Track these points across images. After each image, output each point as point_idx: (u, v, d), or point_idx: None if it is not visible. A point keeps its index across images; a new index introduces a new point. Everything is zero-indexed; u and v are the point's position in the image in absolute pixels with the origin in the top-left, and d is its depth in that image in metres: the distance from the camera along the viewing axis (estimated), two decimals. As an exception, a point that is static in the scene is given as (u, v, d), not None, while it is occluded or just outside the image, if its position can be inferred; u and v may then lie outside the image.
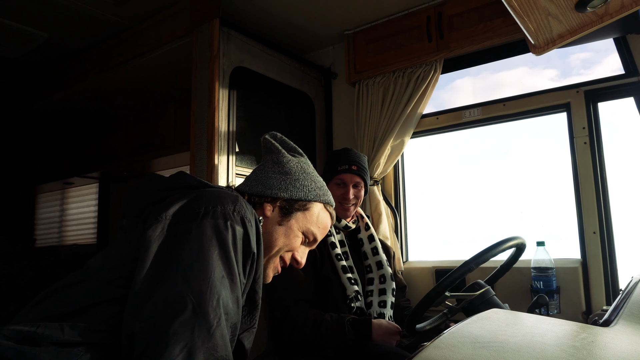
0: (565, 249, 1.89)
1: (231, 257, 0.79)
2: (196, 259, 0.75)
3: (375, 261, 1.73)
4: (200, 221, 0.79)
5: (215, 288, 0.74)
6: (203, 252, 0.76)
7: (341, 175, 1.73)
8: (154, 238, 0.78)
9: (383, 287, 1.66)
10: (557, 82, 2.00)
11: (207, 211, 0.81)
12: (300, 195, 1.03)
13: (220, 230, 0.79)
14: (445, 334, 0.64)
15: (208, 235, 0.78)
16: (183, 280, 0.73)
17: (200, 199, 0.84)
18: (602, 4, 0.99)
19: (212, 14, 2.02)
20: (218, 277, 0.76)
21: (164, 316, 0.70)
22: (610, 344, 0.62)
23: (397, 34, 2.30)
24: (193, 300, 0.71)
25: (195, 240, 0.77)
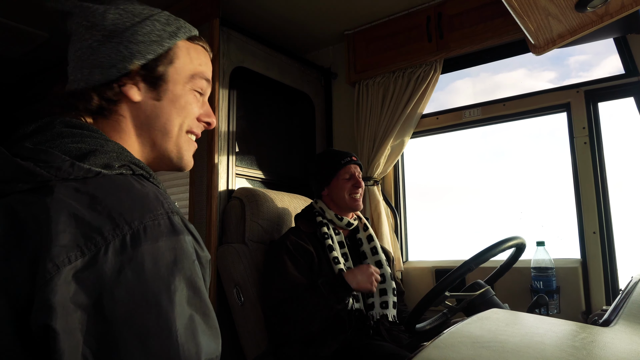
0: (565, 249, 1.89)
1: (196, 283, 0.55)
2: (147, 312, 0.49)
3: (375, 261, 1.73)
4: (133, 252, 0.51)
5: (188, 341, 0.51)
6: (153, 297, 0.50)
7: (346, 167, 1.77)
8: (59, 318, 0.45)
9: (383, 287, 1.66)
10: (556, 84, 2.01)
11: (135, 233, 0.51)
12: (155, 48, 0.71)
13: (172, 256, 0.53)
14: (445, 333, 0.64)
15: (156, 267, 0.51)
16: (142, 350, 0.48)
17: (105, 209, 0.52)
18: (602, 4, 0.99)
19: (212, 14, 2.02)
20: (185, 323, 0.52)
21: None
22: (610, 344, 0.62)
23: (397, 34, 2.30)
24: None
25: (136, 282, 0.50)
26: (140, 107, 0.71)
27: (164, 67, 0.72)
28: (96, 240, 0.49)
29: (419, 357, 0.57)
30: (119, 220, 0.51)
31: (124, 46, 0.69)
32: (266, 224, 1.84)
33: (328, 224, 1.72)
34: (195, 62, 0.77)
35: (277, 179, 2.34)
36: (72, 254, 0.47)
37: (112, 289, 0.48)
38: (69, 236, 0.48)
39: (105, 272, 0.48)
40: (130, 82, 0.70)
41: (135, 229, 0.52)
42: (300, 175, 2.51)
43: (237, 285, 1.67)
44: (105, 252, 0.49)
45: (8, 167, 0.53)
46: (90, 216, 0.51)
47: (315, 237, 1.70)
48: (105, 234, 0.50)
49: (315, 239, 1.68)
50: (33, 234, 0.48)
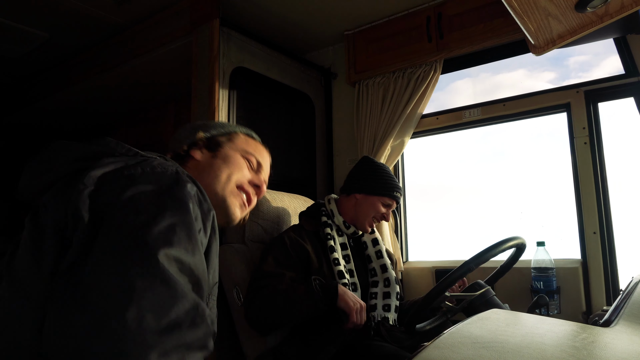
0: (566, 249, 1.89)
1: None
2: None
3: (380, 264, 1.72)
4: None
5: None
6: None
7: (393, 200, 1.74)
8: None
9: (387, 291, 1.66)
10: (556, 85, 2.01)
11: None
12: (218, 130, 1.03)
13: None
14: (445, 334, 0.64)
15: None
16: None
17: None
18: (602, 4, 0.99)
19: (212, 14, 2.02)
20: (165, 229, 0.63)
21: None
22: (611, 344, 0.62)
23: (397, 34, 2.30)
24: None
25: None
26: (200, 162, 0.97)
27: (223, 140, 1.01)
28: (109, 177, 0.66)
29: (419, 358, 0.57)
30: (136, 166, 0.68)
31: (196, 128, 1.02)
32: (266, 224, 1.84)
33: (332, 226, 1.71)
34: (251, 147, 1.04)
35: (277, 179, 2.33)
36: (94, 181, 0.65)
37: (110, 208, 0.62)
38: (92, 176, 0.66)
39: (108, 194, 0.63)
40: (195, 147, 0.99)
41: (140, 171, 0.67)
42: (301, 175, 2.51)
43: (237, 286, 1.67)
44: (113, 182, 0.65)
45: (78, 149, 0.74)
46: (110, 168, 0.68)
47: (317, 236, 1.69)
48: (118, 173, 0.66)
49: (316, 238, 1.68)
50: (79, 179, 0.66)
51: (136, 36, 2.41)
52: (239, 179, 0.97)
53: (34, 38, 2.53)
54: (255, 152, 1.04)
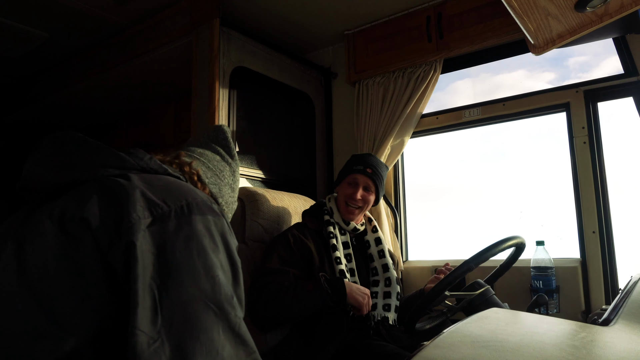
0: (565, 249, 1.90)
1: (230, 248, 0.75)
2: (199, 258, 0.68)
3: (382, 264, 1.72)
4: (188, 217, 0.70)
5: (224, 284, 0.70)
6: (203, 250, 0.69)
7: (355, 175, 1.73)
8: (141, 248, 0.64)
9: (388, 290, 1.66)
10: (555, 85, 2.01)
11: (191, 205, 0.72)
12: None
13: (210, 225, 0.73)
14: (445, 333, 0.65)
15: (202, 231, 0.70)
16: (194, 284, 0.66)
17: (174, 189, 0.74)
18: (602, 4, 1.00)
19: (212, 14, 2.02)
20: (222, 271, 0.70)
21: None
22: (610, 343, 0.62)
23: (397, 34, 2.30)
24: (211, 304, 0.65)
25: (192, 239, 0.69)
26: None
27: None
28: (161, 207, 0.69)
29: (419, 357, 0.57)
30: (176, 197, 0.72)
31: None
32: (266, 223, 1.84)
33: (334, 224, 1.71)
34: None
35: (277, 178, 2.34)
36: (146, 213, 0.67)
37: (173, 239, 0.66)
38: (142, 204, 0.68)
39: (168, 227, 0.67)
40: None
41: (187, 202, 0.71)
42: (301, 175, 2.51)
43: (238, 285, 1.67)
44: (168, 215, 0.68)
45: (109, 155, 0.76)
46: (153, 195, 0.70)
47: (320, 234, 1.70)
48: (169, 204, 0.70)
49: (319, 237, 1.68)
50: (119, 200, 0.68)
51: (136, 36, 2.42)
52: None
53: (34, 38, 2.53)
54: None
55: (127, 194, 0.68)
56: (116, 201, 0.68)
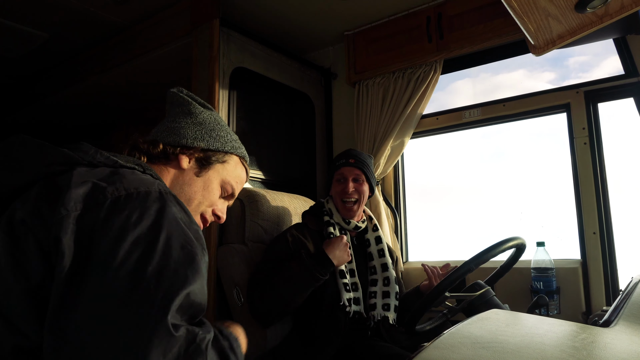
0: (565, 250, 1.89)
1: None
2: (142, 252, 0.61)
3: (381, 263, 1.72)
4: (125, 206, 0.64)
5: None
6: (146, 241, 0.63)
7: (340, 170, 1.73)
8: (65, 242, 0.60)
9: (387, 290, 1.66)
10: (555, 85, 2.01)
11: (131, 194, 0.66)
12: (218, 145, 0.97)
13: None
14: (445, 334, 0.64)
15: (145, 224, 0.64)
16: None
17: (115, 180, 0.67)
18: (602, 4, 0.99)
19: (212, 14, 2.02)
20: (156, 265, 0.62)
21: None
22: (610, 345, 0.62)
23: (397, 35, 2.30)
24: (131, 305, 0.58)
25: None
26: (182, 174, 0.93)
27: (216, 159, 0.97)
28: (96, 198, 0.64)
29: (419, 358, 0.57)
30: (117, 186, 0.66)
31: (200, 132, 0.95)
32: (266, 224, 1.84)
33: (334, 225, 1.71)
34: (236, 175, 1.02)
35: (277, 179, 2.34)
36: (79, 205, 0.62)
37: (100, 229, 0.61)
38: (76, 197, 0.63)
39: (98, 218, 0.62)
40: (187, 153, 0.93)
41: (127, 193, 0.65)
42: (301, 175, 2.51)
43: (237, 286, 1.67)
44: (102, 205, 0.63)
45: (52, 153, 0.71)
46: (91, 188, 0.65)
47: (321, 235, 1.69)
48: (105, 194, 0.64)
49: (319, 237, 1.68)
50: (54, 197, 0.64)
51: (136, 36, 2.42)
52: (205, 209, 0.97)
53: (34, 38, 2.53)
54: (236, 182, 1.02)
55: (64, 188, 0.64)
56: (51, 198, 0.64)
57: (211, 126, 0.98)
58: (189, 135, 0.94)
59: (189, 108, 0.98)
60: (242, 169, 1.04)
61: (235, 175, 1.01)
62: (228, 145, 0.99)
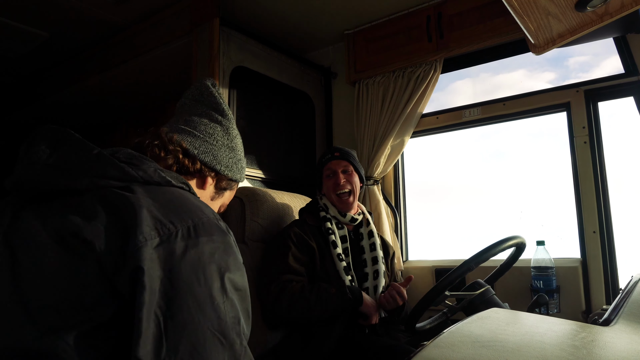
0: (565, 249, 1.89)
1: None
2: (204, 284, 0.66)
3: (371, 257, 1.73)
4: (196, 239, 0.68)
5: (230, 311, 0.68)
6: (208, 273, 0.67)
7: (328, 164, 1.76)
8: (147, 266, 0.62)
9: (376, 284, 1.67)
10: (555, 85, 2.01)
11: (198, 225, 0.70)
12: (238, 177, 1.03)
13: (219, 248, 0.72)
14: (445, 333, 0.64)
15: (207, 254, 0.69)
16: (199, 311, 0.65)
17: (179, 206, 0.72)
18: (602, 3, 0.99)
19: (212, 14, 2.02)
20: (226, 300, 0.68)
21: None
22: (610, 343, 0.62)
23: (397, 34, 2.30)
24: (217, 333, 0.64)
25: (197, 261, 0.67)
26: (201, 193, 0.97)
27: (230, 188, 1.04)
28: (168, 227, 0.67)
29: (419, 357, 0.57)
30: (183, 216, 0.70)
31: (232, 160, 1.00)
32: (266, 223, 1.84)
33: (331, 220, 1.72)
34: (231, 198, 1.09)
35: (277, 178, 2.34)
36: (153, 233, 0.65)
37: (179, 262, 0.65)
38: (148, 223, 0.65)
39: (175, 250, 0.65)
40: (214, 177, 0.98)
41: (194, 223, 0.70)
42: (301, 174, 2.51)
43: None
44: (175, 237, 0.67)
45: (110, 167, 0.72)
46: (159, 213, 0.68)
47: (319, 231, 1.71)
48: (175, 224, 0.68)
49: (319, 233, 1.70)
50: (125, 219, 0.65)
51: (136, 36, 2.41)
52: None
53: (34, 38, 2.53)
54: (228, 204, 1.10)
55: (134, 213, 0.65)
56: (122, 220, 0.65)
57: (239, 155, 1.03)
58: (223, 162, 0.98)
59: (227, 126, 1.01)
60: (234, 192, 1.11)
61: (231, 198, 1.09)
62: (242, 175, 1.05)
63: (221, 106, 1.01)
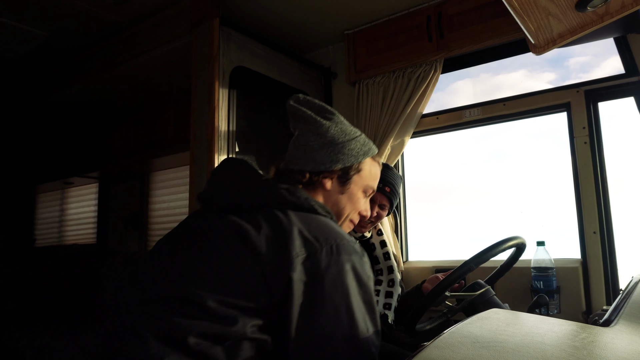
0: (566, 249, 1.89)
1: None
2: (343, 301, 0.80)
3: (387, 266, 1.73)
4: (336, 257, 0.83)
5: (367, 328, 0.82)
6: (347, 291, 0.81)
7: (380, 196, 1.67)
8: (297, 280, 0.79)
9: (390, 291, 1.68)
10: (555, 85, 2.01)
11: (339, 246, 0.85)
12: (352, 160, 1.06)
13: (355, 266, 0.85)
14: (445, 333, 0.64)
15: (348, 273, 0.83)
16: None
17: (318, 228, 0.87)
18: (603, 3, 0.99)
19: (212, 14, 2.02)
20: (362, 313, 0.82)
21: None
22: (611, 344, 0.62)
23: (397, 34, 2.30)
24: (349, 342, 0.78)
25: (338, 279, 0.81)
26: (329, 193, 1.07)
27: (353, 173, 1.08)
28: (314, 245, 0.83)
29: (419, 357, 0.57)
30: (326, 237, 0.85)
31: (334, 154, 1.04)
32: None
33: None
34: (373, 177, 1.13)
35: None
36: (302, 250, 0.82)
37: (323, 275, 0.80)
38: (299, 242, 0.83)
39: (320, 264, 0.81)
40: (329, 176, 1.05)
41: (336, 243, 0.85)
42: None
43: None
44: (320, 253, 0.82)
45: (275, 194, 0.92)
46: (308, 234, 0.84)
47: None
48: (321, 243, 0.84)
49: None
50: (282, 236, 0.83)
51: (136, 36, 2.41)
52: (353, 216, 1.13)
53: (34, 38, 2.52)
54: (373, 180, 1.14)
55: (290, 232, 0.83)
56: (280, 236, 0.83)
57: (341, 143, 1.06)
58: (325, 161, 1.04)
59: (315, 127, 1.07)
60: (375, 165, 1.14)
61: (372, 175, 1.12)
62: (360, 155, 1.08)
63: (305, 113, 1.08)
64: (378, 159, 1.16)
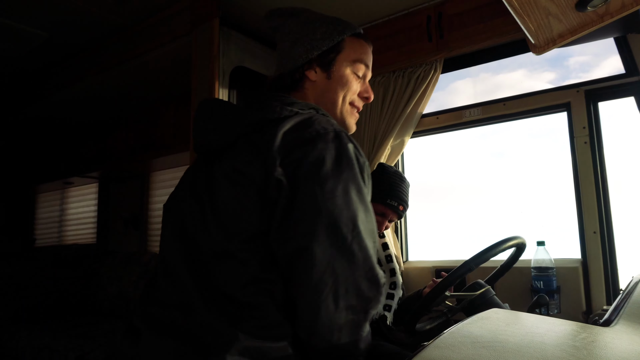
0: (566, 249, 1.89)
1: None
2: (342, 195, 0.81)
3: (389, 268, 1.73)
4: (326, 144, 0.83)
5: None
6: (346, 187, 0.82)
7: (386, 210, 1.69)
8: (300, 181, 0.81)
9: (392, 292, 1.67)
10: (555, 85, 2.01)
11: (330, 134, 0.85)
12: (327, 43, 1.04)
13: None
14: (445, 333, 0.64)
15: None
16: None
17: (309, 125, 0.87)
18: (603, 3, 0.99)
19: (212, 14, 2.02)
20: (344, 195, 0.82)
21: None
22: (611, 344, 0.62)
23: (397, 34, 2.30)
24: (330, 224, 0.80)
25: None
26: (315, 84, 1.05)
27: (334, 55, 1.05)
28: (294, 142, 0.83)
29: (419, 357, 0.57)
30: (302, 134, 0.84)
31: (306, 44, 1.03)
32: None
33: None
34: (358, 52, 1.08)
35: (277, 178, 2.33)
36: (283, 151, 0.82)
37: (301, 164, 0.81)
38: (282, 144, 0.83)
39: (300, 155, 0.81)
40: (308, 67, 1.04)
41: (319, 132, 0.84)
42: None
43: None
44: (301, 145, 0.82)
45: (250, 116, 0.90)
46: (294, 134, 0.84)
47: None
48: (305, 135, 0.83)
49: None
50: (264, 151, 0.83)
51: (136, 36, 2.41)
52: (351, 98, 1.08)
53: (34, 38, 2.52)
54: (363, 56, 1.08)
55: (267, 142, 0.83)
56: (259, 154, 0.83)
57: (310, 30, 1.05)
58: (300, 53, 1.03)
59: (284, 28, 1.07)
60: (359, 42, 1.09)
61: (359, 53, 1.08)
62: (335, 34, 1.05)
63: (274, 22, 1.10)
64: (363, 38, 1.12)
